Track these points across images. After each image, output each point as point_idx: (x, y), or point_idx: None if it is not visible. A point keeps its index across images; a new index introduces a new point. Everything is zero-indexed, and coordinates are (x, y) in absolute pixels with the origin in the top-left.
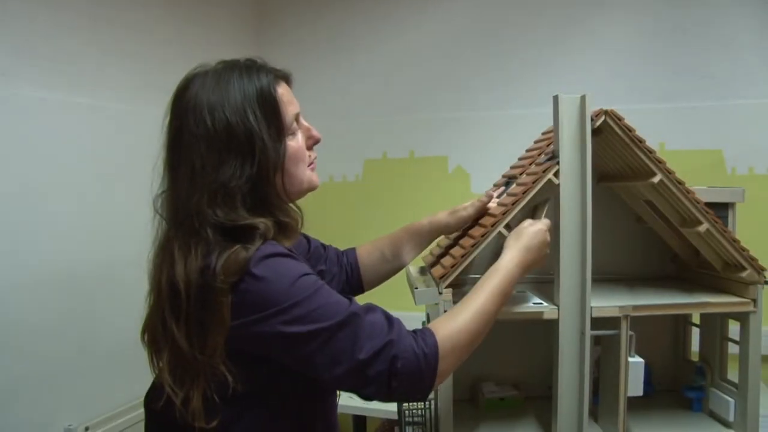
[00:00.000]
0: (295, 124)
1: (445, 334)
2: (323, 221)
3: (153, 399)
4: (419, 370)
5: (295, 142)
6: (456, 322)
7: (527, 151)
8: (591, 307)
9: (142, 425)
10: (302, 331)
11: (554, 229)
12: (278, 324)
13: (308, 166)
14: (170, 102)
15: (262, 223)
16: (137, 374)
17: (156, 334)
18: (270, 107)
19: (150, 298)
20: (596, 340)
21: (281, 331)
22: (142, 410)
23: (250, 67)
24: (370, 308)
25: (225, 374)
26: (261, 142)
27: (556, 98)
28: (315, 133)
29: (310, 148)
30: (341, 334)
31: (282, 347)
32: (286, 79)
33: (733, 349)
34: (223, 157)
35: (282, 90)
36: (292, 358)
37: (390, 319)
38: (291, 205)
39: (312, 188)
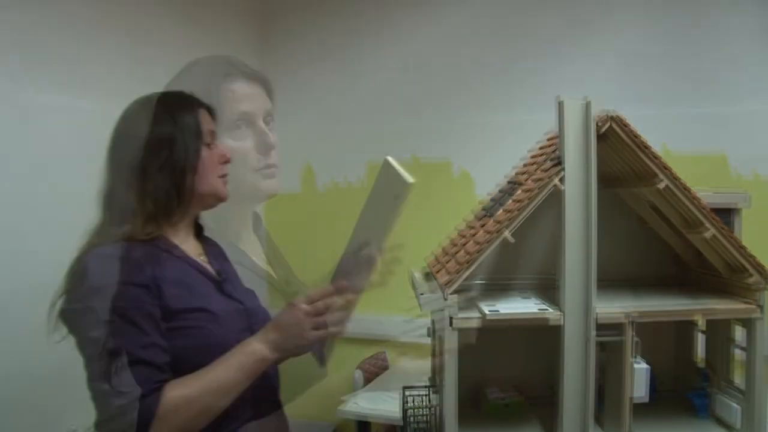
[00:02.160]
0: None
1: (171, 403)
2: (327, 225)
3: None
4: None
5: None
6: (188, 393)
7: (532, 156)
8: (596, 313)
9: None
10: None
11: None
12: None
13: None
14: None
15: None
16: None
17: None
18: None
19: None
20: (600, 346)
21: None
22: None
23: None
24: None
25: None
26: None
27: (560, 103)
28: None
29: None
30: (97, 365)
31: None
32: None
33: (738, 353)
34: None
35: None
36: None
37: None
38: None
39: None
